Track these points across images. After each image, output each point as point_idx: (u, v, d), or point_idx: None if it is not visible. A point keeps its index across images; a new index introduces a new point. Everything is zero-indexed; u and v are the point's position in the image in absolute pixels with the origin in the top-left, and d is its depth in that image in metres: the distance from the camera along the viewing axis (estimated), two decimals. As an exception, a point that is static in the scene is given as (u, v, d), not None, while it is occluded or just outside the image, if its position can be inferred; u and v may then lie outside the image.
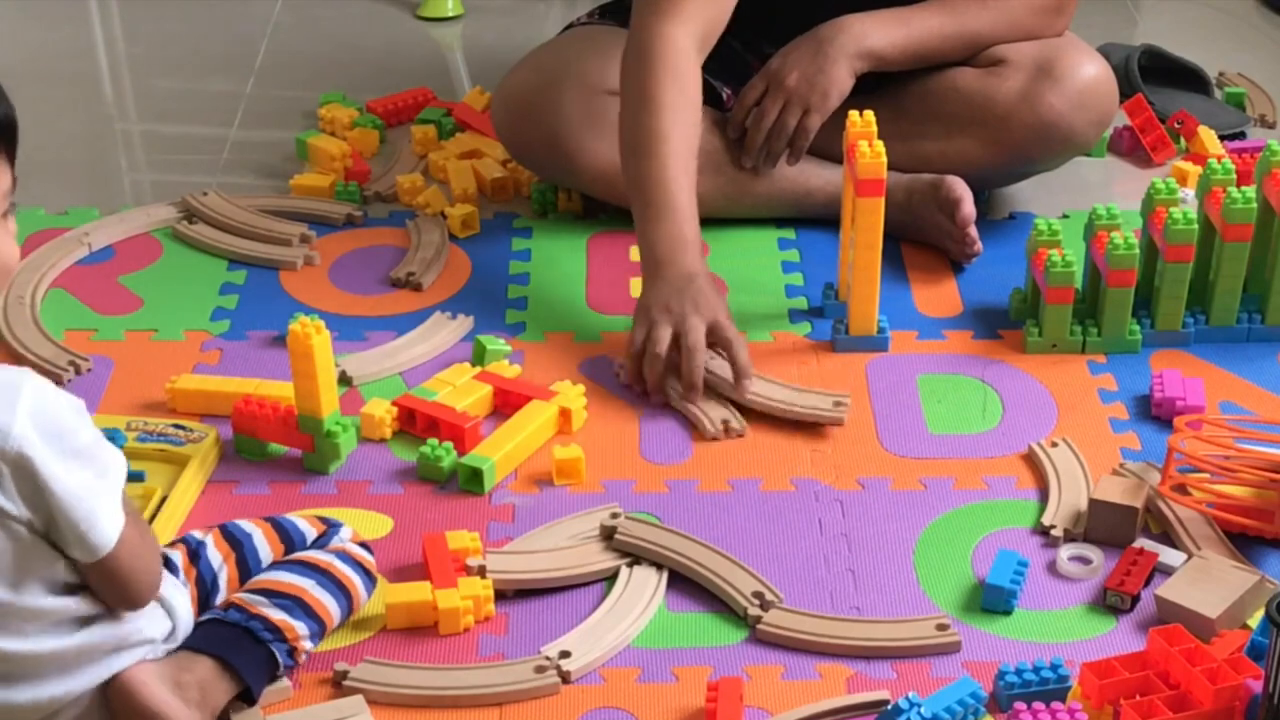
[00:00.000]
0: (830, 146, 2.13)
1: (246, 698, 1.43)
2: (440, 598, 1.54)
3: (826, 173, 2.16)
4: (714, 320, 1.83)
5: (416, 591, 1.55)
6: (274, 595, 1.46)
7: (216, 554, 1.49)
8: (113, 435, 1.73)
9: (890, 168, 1.91)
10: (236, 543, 1.51)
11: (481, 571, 1.59)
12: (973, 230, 2.09)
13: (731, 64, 2.24)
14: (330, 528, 1.56)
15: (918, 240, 2.15)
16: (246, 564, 1.50)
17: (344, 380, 1.87)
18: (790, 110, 2.10)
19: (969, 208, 2.08)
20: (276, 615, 1.44)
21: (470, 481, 1.72)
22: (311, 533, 1.55)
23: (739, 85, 2.21)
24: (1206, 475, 1.66)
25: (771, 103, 2.11)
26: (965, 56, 2.15)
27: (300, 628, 1.45)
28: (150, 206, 2.25)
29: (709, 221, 2.18)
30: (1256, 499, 1.64)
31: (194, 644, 1.42)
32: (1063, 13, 2.16)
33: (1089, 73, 2.11)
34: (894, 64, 2.12)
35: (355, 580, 1.52)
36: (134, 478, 1.69)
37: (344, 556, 1.52)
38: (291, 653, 1.45)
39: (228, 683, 1.41)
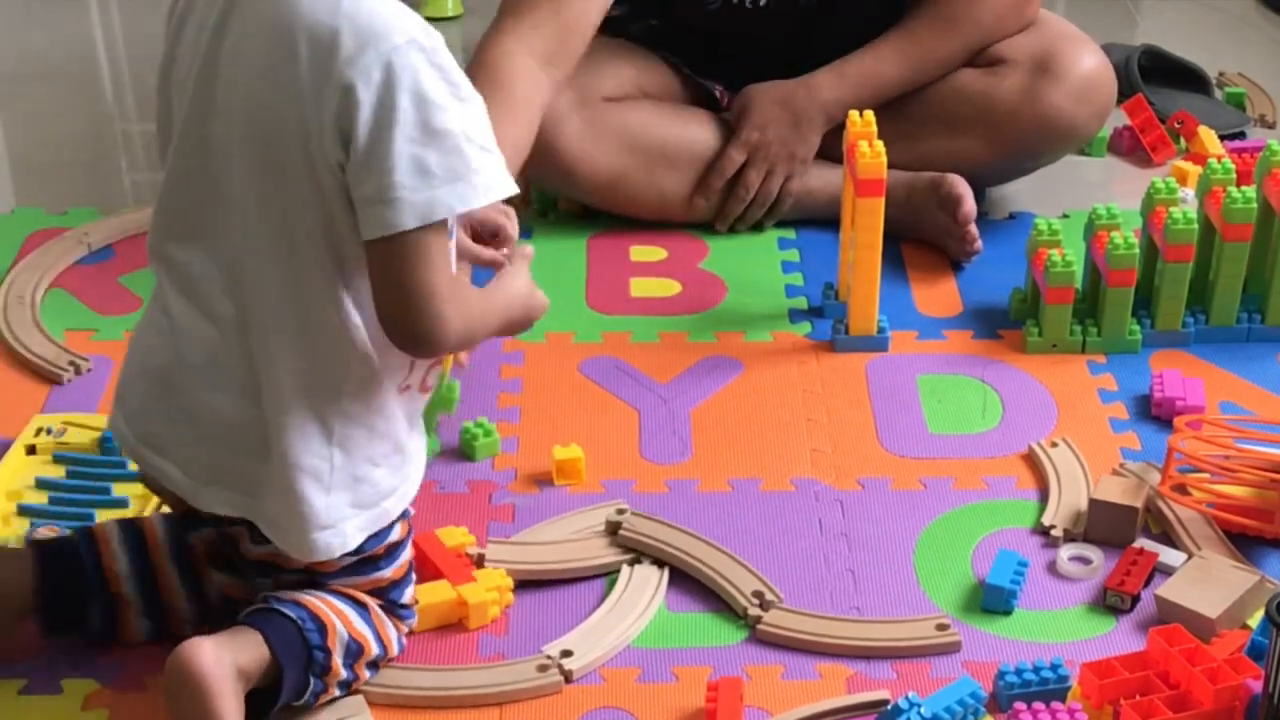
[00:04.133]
0: (830, 147, 2.13)
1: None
2: (466, 593, 1.54)
3: (827, 173, 2.16)
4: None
5: (439, 591, 1.55)
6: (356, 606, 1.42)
7: None
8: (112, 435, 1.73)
9: (892, 167, 1.91)
10: None
11: (480, 560, 1.59)
12: (973, 228, 2.09)
13: (720, 64, 2.24)
14: None
15: (918, 239, 2.15)
16: None
17: None
18: (774, 178, 2.15)
19: (970, 205, 2.08)
20: (358, 626, 1.40)
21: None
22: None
23: (728, 83, 2.22)
24: (1206, 475, 1.66)
25: (756, 173, 2.15)
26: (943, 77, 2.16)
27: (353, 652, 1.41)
28: (150, 207, 2.24)
29: (707, 223, 2.20)
30: (1257, 499, 1.64)
31: (267, 633, 1.36)
32: (1030, 2, 2.16)
33: (1088, 65, 2.12)
34: None
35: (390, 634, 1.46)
36: (134, 478, 1.70)
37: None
38: (324, 674, 1.39)
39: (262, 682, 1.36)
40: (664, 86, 2.22)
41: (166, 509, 1.52)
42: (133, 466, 1.56)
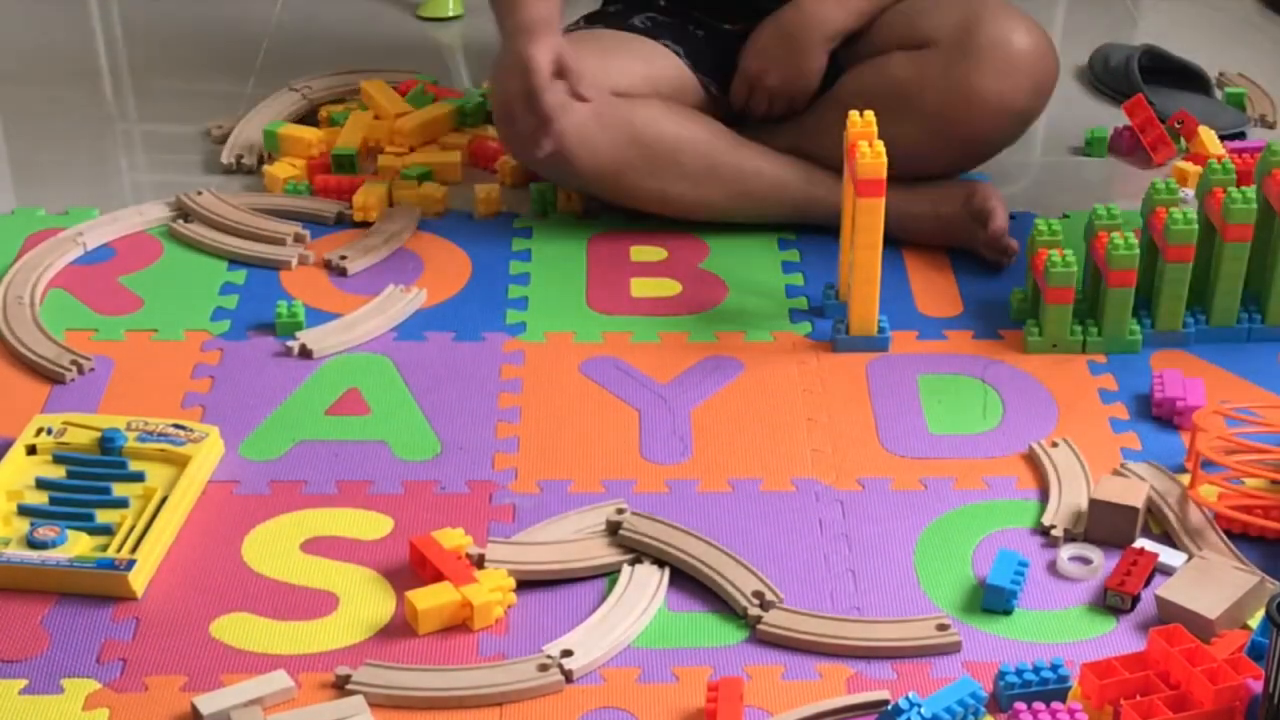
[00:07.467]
0: (834, 153, 2.11)
1: None
2: (470, 594, 1.54)
3: (831, 181, 2.14)
4: None
5: (443, 593, 1.55)
6: None
7: None
8: (112, 435, 1.73)
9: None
10: None
11: (480, 561, 1.59)
12: (1009, 239, 2.09)
13: (703, 56, 2.23)
14: None
15: (949, 246, 2.15)
16: None
17: (304, 353, 1.91)
18: (777, 105, 2.20)
19: (1001, 220, 2.08)
20: None
21: None
22: None
23: (714, 74, 2.22)
24: (1229, 472, 1.66)
25: (758, 105, 2.20)
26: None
27: None
28: (144, 205, 2.24)
29: (712, 224, 2.20)
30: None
31: None
32: None
33: (1007, 39, 2.05)
34: (857, 30, 2.18)
35: None
36: (134, 478, 1.71)
37: None
38: None
39: None
40: (674, 81, 2.21)
41: None
42: (134, 466, 1.54)
